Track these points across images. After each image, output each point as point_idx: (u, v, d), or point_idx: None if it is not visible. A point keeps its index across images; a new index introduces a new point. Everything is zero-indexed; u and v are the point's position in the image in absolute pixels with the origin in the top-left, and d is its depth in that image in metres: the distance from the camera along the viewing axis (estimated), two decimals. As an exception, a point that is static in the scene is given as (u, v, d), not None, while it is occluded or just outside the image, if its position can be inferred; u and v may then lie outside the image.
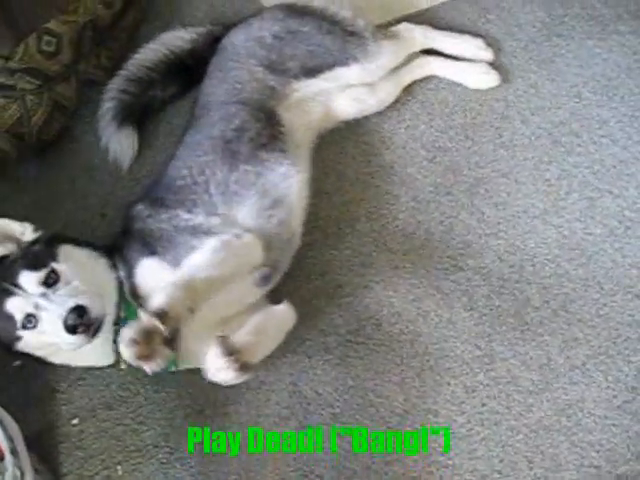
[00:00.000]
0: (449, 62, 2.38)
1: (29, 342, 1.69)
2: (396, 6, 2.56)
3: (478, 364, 1.95)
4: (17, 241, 1.78)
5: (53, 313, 1.61)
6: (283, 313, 1.87)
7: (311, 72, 2.12)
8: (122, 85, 2.25)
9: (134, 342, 1.44)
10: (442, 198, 2.18)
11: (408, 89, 2.36)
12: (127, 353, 1.46)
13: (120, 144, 2.24)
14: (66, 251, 1.76)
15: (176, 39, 2.33)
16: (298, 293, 2.02)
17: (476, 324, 2.00)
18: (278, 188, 1.94)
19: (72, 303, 1.60)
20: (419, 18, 2.50)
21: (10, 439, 1.60)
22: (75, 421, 1.93)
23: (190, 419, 1.91)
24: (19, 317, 1.64)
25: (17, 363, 1.97)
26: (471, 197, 2.18)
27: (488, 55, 2.39)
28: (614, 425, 1.86)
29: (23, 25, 2.02)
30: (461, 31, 2.46)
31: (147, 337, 1.46)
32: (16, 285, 1.65)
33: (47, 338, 1.66)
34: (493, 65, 2.38)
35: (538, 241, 2.11)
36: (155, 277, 1.78)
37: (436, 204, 2.17)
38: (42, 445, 1.89)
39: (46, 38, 2.05)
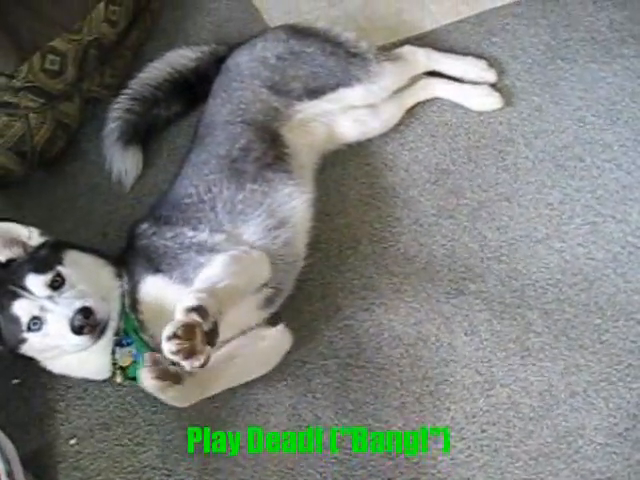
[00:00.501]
0: (452, 84, 2.39)
1: (34, 345, 1.69)
2: (400, 28, 2.58)
3: (478, 389, 1.93)
4: (23, 245, 1.79)
5: (59, 315, 1.62)
6: (279, 335, 1.89)
7: (314, 93, 2.12)
8: (127, 104, 2.26)
9: (175, 336, 1.44)
10: (444, 221, 2.18)
11: (411, 111, 2.37)
12: (168, 347, 1.45)
13: (125, 163, 2.25)
14: (72, 256, 1.78)
15: (181, 57, 2.34)
16: (298, 315, 2.01)
17: (477, 349, 1.98)
18: (283, 209, 1.94)
19: (78, 304, 1.61)
20: (423, 40, 2.52)
21: (7, 461, 1.59)
22: (73, 441, 1.91)
23: (188, 441, 1.89)
24: (25, 319, 1.65)
25: (16, 381, 1.96)
26: (473, 220, 2.18)
27: (491, 76, 2.40)
28: (615, 453, 1.84)
29: (28, 43, 2.02)
30: (465, 53, 2.47)
31: (188, 332, 1.45)
32: (23, 288, 1.66)
33: (52, 340, 1.66)
34: (496, 87, 2.40)
35: (540, 266, 2.11)
36: (160, 294, 1.78)
37: (438, 227, 2.17)
38: (39, 465, 1.86)
39: (50, 57, 2.05)
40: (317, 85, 2.12)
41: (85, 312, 1.60)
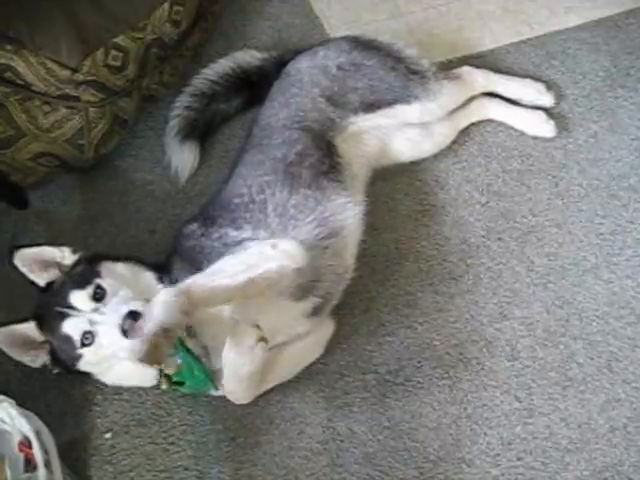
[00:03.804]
0: (506, 107, 2.38)
1: (89, 359, 1.70)
2: (459, 45, 2.57)
3: (516, 416, 1.91)
4: (59, 266, 1.80)
5: (108, 323, 1.62)
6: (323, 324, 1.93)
7: (370, 107, 2.11)
8: (187, 102, 2.29)
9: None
10: (492, 243, 2.16)
11: (466, 130, 2.36)
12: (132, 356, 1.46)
13: (182, 158, 2.27)
14: (108, 267, 1.77)
15: (247, 56, 2.37)
16: (340, 327, 2.00)
17: (517, 375, 1.97)
18: (335, 219, 1.92)
19: (125, 309, 1.61)
20: (482, 59, 2.51)
21: (45, 451, 1.60)
22: (108, 435, 1.93)
23: (222, 445, 1.89)
24: (77, 336, 1.66)
25: (57, 370, 1.97)
26: (522, 245, 2.16)
27: (549, 100, 2.38)
28: (651, 492, 1.82)
29: (92, 39, 2.04)
30: (523, 75, 2.46)
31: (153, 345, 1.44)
32: (68, 306, 1.67)
33: (105, 351, 1.67)
34: (553, 112, 2.37)
35: (587, 296, 2.08)
36: None
37: (486, 249, 2.16)
38: (73, 456, 1.88)
39: (113, 53, 2.07)
40: (374, 99, 2.11)
41: (133, 315, 1.59)
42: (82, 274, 1.74)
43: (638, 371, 1.97)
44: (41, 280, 1.78)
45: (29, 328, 1.72)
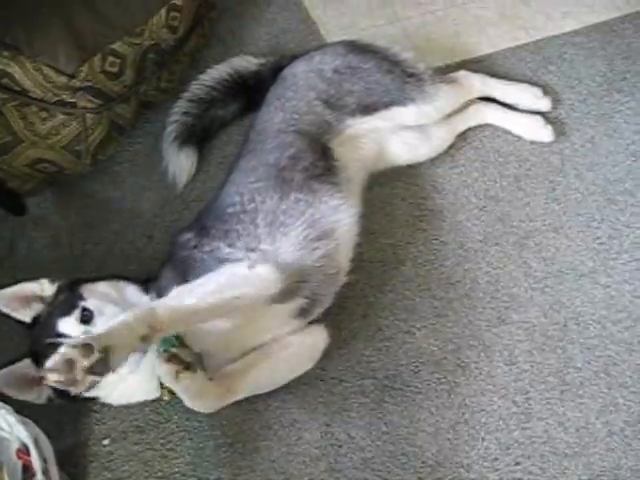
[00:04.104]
0: (504, 112, 2.38)
1: None
2: (457, 50, 2.58)
3: (514, 421, 1.91)
4: (41, 299, 1.79)
5: None
6: (313, 336, 1.89)
7: (367, 110, 2.12)
8: (185, 107, 2.29)
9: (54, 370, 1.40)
10: (490, 248, 2.17)
11: (463, 135, 2.36)
12: (49, 377, 1.42)
13: (180, 164, 2.27)
14: (89, 289, 1.76)
15: (244, 62, 2.37)
16: (338, 333, 1.99)
17: (515, 380, 1.97)
18: (327, 221, 1.91)
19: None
20: (479, 63, 2.52)
21: (43, 459, 1.59)
22: (106, 442, 1.92)
23: (220, 451, 1.89)
24: None
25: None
26: (519, 249, 2.16)
27: (546, 105, 2.39)
28: (649, 497, 1.82)
29: (90, 45, 2.04)
30: (520, 79, 2.47)
31: (68, 365, 1.40)
32: (58, 335, 1.66)
33: None
34: (550, 117, 2.38)
35: (585, 300, 2.08)
36: None
37: (483, 254, 2.16)
38: (71, 462, 1.87)
39: (110, 59, 2.07)
40: (371, 101, 2.11)
41: None
42: (65, 301, 1.74)
43: (636, 375, 1.97)
44: (26, 317, 1.78)
45: (26, 366, 1.71)
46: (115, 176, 2.33)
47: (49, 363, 1.40)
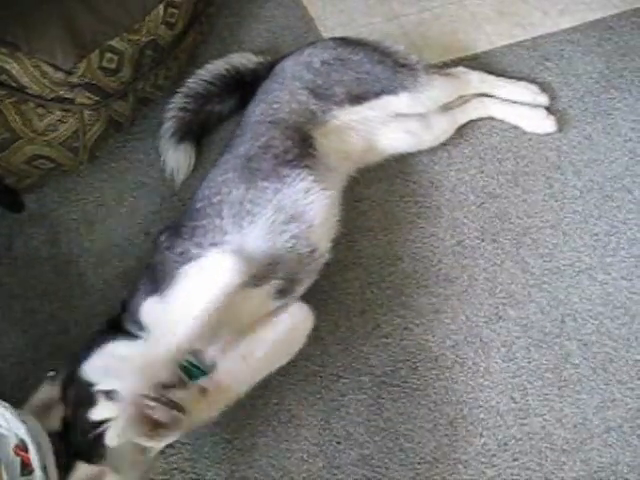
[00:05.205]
0: (507, 105, 2.39)
1: None
2: (454, 47, 2.58)
3: (512, 417, 1.92)
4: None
5: None
6: (295, 314, 1.85)
7: (357, 99, 2.10)
8: (182, 103, 2.28)
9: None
10: (488, 245, 2.17)
11: (461, 132, 2.36)
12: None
13: (177, 160, 2.27)
14: (90, 370, 1.68)
15: (243, 58, 2.37)
16: (336, 329, 2.01)
17: (513, 376, 1.97)
18: (296, 204, 1.88)
19: None
20: (476, 61, 2.52)
21: (42, 455, 1.59)
22: (104, 438, 1.92)
23: (218, 447, 1.89)
24: None
25: (51, 373, 1.96)
26: (517, 246, 2.16)
27: (544, 101, 2.39)
28: (647, 492, 1.83)
29: (87, 41, 2.03)
30: (517, 77, 2.47)
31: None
32: (97, 425, 1.58)
33: None
34: (549, 112, 2.37)
35: (582, 296, 2.09)
36: (159, 319, 1.70)
37: (481, 250, 2.16)
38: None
39: (108, 55, 2.07)
40: (361, 91, 2.10)
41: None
42: (80, 395, 1.66)
43: (633, 371, 1.98)
44: (56, 424, 1.67)
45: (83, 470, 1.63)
46: (113, 172, 2.33)
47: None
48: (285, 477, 1.85)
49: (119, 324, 1.78)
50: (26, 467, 1.57)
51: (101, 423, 1.57)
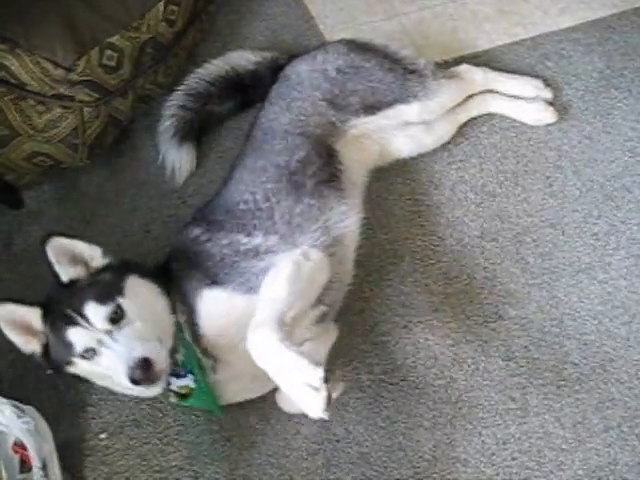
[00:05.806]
0: (507, 100, 2.40)
1: (80, 368, 1.65)
2: (454, 46, 2.58)
3: (511, 416, 1.92)
4: (86, 265, 1.72)
5: (117, 354, 1.56)
6: (327, 330, 1.91)
7: (371, 109, 2.12)
8: (181, 101, 2.28)
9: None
10: (487, 244, 2.17)
11: (461, 131, 2.36)
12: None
13: (179, 159, 2.27)
14: (132, 284, 1.70)
15: (241, 58, 2.36)
16: (335, 328, 2.01)
17: (512, 375, 1.97)
18: (338, 227, 1.92)
19: (138, 353, 1.55)
20: (477, 59, 2.52)
21: (42, 454, 1.60)
22: (103, 435, 1.92)
23: (217, 445, 1.89)
24: (79, 348, 1.60)
25: (50, 371, 1.97)
26: (517, 245, 2.16)
27: (548, 94, 2.40)
28: (645, 491, 1.83)
29: (87, 38, 2.04)
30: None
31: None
32: (81, 315, 1.60)
33: (102, 371, 1.62)
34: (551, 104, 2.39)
35: (581, 295, 2.09)
36: (222, 310, 1.73)
37: (481, 249, 2.16)
38: (68, 456, 1.85)
39: (108, 52, 2.07)
40: (375, 100, 2.12)
41: (144, 365, 1.54)
42: (106, 285, 1.67)
43: (632, 371, 1.98)
44: (65, 275, 1.68)
45: (33, 314, 1.65)
46: (112, 170, 2.33)
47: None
48: (284, 475, 1.85)
49: None
50: (25, 464, 1.57)
51: (83, 317, 1.59)
